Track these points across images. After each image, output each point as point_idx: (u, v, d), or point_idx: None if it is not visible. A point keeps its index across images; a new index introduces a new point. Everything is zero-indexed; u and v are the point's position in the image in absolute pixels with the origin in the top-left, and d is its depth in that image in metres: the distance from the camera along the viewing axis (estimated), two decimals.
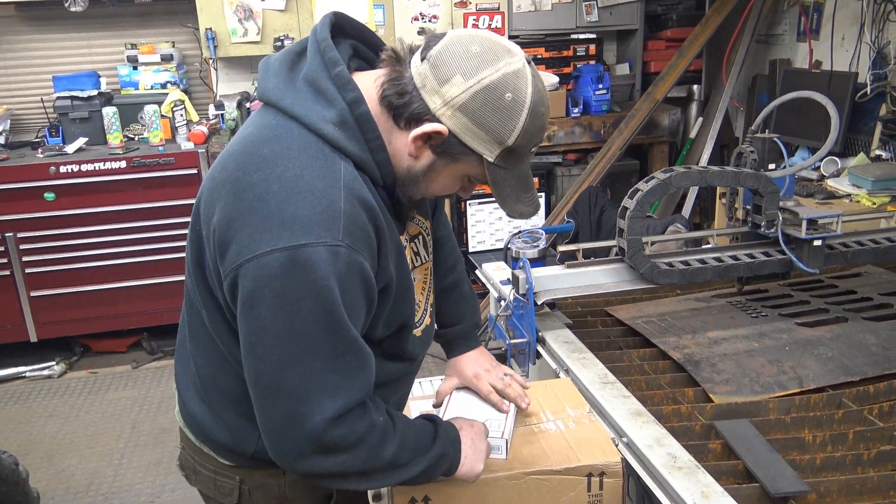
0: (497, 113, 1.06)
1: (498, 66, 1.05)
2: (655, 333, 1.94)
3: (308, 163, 1.05)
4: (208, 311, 1.18)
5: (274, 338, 1.03)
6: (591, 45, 4.58)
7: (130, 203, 3.82)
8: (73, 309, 3.92)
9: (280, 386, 1.05)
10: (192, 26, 4.30)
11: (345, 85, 1.09)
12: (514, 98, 1.06)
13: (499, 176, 1.13)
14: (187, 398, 1.31)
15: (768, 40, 4.47)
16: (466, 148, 1.10)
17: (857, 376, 1.72)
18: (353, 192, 1.06)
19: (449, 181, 1.17)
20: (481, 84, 1.05)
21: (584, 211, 3.92)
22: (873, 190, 3.17)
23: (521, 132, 1.08)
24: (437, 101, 1.07)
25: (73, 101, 3.98)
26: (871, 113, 3.58)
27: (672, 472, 1.29)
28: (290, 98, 1.10)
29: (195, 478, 1.36)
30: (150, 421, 3.46)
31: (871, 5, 3.51)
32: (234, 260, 1.04)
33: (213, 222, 1.07)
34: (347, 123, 1.08)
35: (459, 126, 1.07)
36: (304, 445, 1.07)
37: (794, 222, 1.93)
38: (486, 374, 1.49)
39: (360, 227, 1.05)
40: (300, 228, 1.01)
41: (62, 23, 4.23)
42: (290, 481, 1.29)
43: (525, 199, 1.18)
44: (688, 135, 4.75)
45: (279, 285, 1.01)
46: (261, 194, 1.03)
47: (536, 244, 2.00)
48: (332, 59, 1.10)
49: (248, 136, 1.13)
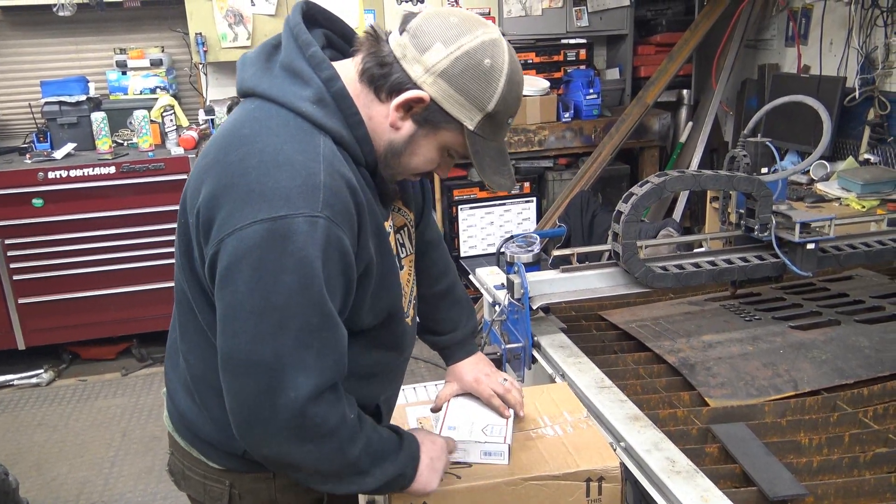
0: (477, 78, 1.09)
1: (476, 34, 1.09)
2: (650, 337, 1.95)
3: (287, 138, 1.07)
4: (198, 304, 1.17)
5: (249, 312, 1.02)
6: (582, 49, 4.59)
7: (120, 209, 3.78)
8: (62, 316, 3.88)
9: (253, 360, 1.03)
10: (182, 31, 4.28)
11: (319, 64, 1.11)
12: (493, 64, 1.09)
13: (479, 145, 1.15)
14: (177, 398, 1.29)
15: (757, 45, 4.50)
16: (447, 115, 1.11)
17: (851, 379, 1.73)
18: (333, 166, 1.07)
19: (430, 153, 1.17)
20: (461, 50, 1.08)
21: (575, 215, 3.92)
22: (862, 193, 3.19)
23: (500, 98, 1.11)
24: (417, 70, 1.09)
25: (62, 106, 3.94)
26: (859, 117, 3.61)
27: (671, 477, 1.29)
28: (267, 82, 1.12)
29: (185, 483, 1.35)
30: (141, 429, 3.43)
31: (858, 10, 3.54)
32: (216, 236, 1.04)
33: (198, 205, 1.08)
34: (325, 101, 1.10)
35: (440, 92, 1.09)
36: (273, 423, 1.04)
37: (788, 226, 1.94)
38: (486, 378, 1.48)
39: (340, 200, 1.05)
40: (279, 200, 1.01)
41: (50, 27, 4.20)
42: (281, 485, 1.27)
43: (503, 172, 1.20)
44: (678, 139, 4.77)
45: (256, 257, 1.01)
46: (241, 170, 1.04)
47: (531, 248, 2.00)
48: (304, 41, 1.12)
49: (228, 123, 1.15)
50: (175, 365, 1.30)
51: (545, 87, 4.35)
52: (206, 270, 1.08)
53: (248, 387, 1.04)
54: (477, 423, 1.39)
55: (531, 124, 4.31)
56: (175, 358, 1.30)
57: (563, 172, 4.52)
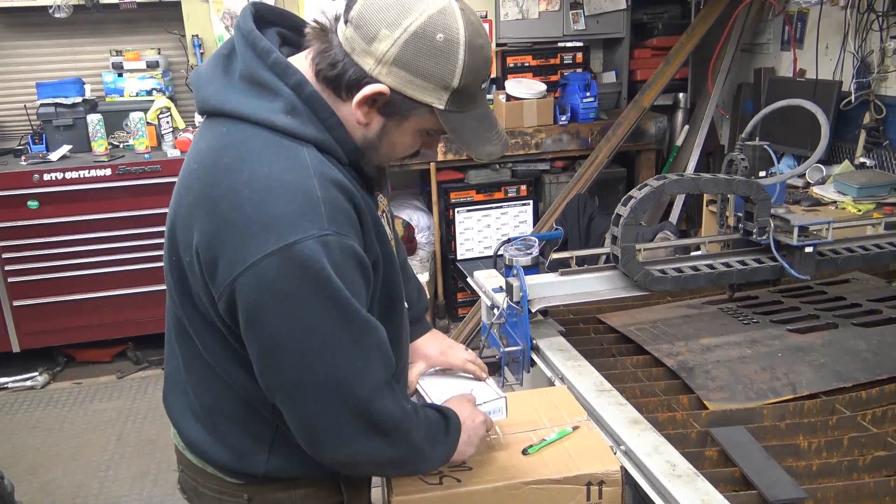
0: (433, 57, 1.02)
1: (421, 9, 1.01)
2: (648, 340, 1.95)
3: (271, 159, 1.02)
4: (201, 339, 1.15)
5: (289, 343, 1.01)
6: (578, 53, 4.60)
7: (116, 211, 3.77)
8: (57, 318, 3.86)
9: (307, 385, 1.04)
10: (179, 33, 4.27)
11: (284, 71, 1.06)
12: (447, 37, 1.01)
13: (455, 121, 1.09)
14: (184, 426, 1.26)
15: (753, 49, 4.52)
16: (413, 101, 1.06)
17: (849, 382, 1.73)
18: (325, 176, 1.03)
19: (407, 139, 1.14)
20: (408, 32, 1.01)
21: (572, 218, 3.93)
22: (858, 197, 3.21)
23: (465, 71, 1.04)
24: (370, 62, 1.03)
25: (57, 108, 3.93)
26: (854, 121, 3.63)
27: (672, 481, 1.29)
28: (233, 100, 1.07)
29: (197, 500, 1.31)
30: (137, 432, 3.41)
31: (854, 15, 3.56)
32: (227, 276, 1.01)
33: (194, 245, 1.05)
34: (297, 109, 1.06)
35: (399, 81, 1.04)
36: (343, 431, 1.06)
37: (786, 229, 1.94)
38: (451, 349, 1.48)
39: (341, 210, 1.03)
40: (285, 227, 0.98)
41: (46, 29, 4.18)
42: (303, 494, 1.25)
43: (491, 139, 1.14)
44: (674, 142, 4.78)
45: (279, 289, 0.99)
46: (234, 204, 1.00)
47: (530, 251, 2.00)
48: (263, 49, 1.06)
49: (203, 151, 1.08)
50: (179, 394, 1.27)
51: (542, 91, 4.36)
52: (223, 311, 1.05)
53: (307, 409, 1.05)
54: (462, 391, 1.40)
55: (528, 127, 4.31)
56: (178, 387, 1.27)
57: (559, 175, 4.53)
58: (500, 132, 1.16)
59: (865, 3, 3.46)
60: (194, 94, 1.14)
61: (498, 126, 1.16)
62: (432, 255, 4.48)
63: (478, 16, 1.08)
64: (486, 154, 1.14)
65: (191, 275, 1.09)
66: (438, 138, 1.17)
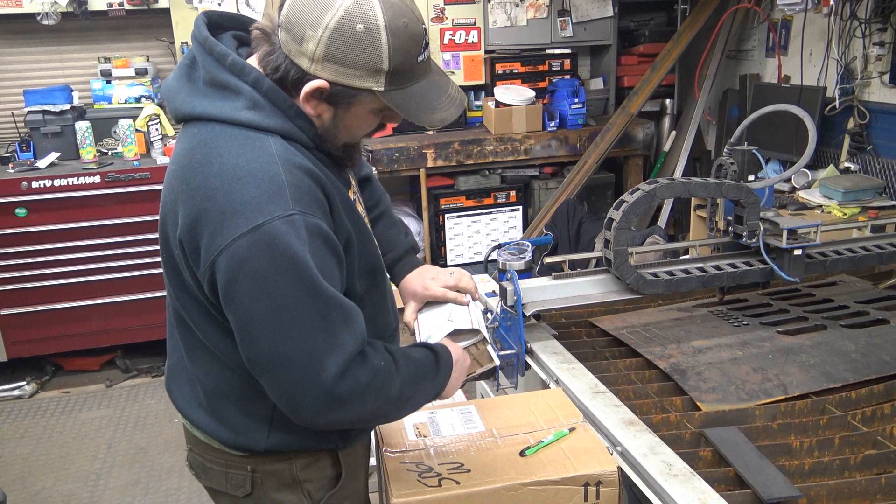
0: (357, 48, 1.08)
1: (337, 5, 1.07)
2: (641, 343, 1.97)
3: (238, 151, 1.10)
4: (197, 324, 1.22)
5: (260, 318, 1.09)
6: (566, 59, 4.65)
7: (105, 218, 3.75)
8: (45, 327, 3.83)
9: (278, 358, 1.10)
10: (167, 40, 4.27)
11: (242, 70, 1.13)
12: (367, 26, 1.07)
13: (398, 99, 1.14)
14: (190, 413, 1.34)
15: (738, 56, 4.57)
16: (353, 89, 1.12)
17: (839, 383, 1.76)
18: (289, 161, 1.11)
19: (362, 121, 1.20)
20: (329, 29, 1.07)
21: (562, 223, 3.95)
22: (843, 201, 3.25)
23: (392, 52, 1.09)
24: (304, 62, 1.11)
25: (45, 115, 3.91)
26: (839, 126, 3.68)
27: (668, 480, 1.30)
28: (200, 104, 1.15)
29: (205, 476, 1.38)
30: (127, 440, 3.39)
31: (837, 22, 3.61)
32: (206, 260, 1.10)
33: (178, 237, 1.13)
34: (259, 103, 1.13)
35: (334, 73, 1.11)
36: (315, 404, 1.12)
37: (775, 232, 1.97)
38: (433, 280, 1.52)
39: (305, 191, 1.10)
40: (252, 211, 1.06)
41: (34, 36, 4.16)
42: (303, 464, 1.31)
43: (440, 105, 1.18)
44: (661, 148, 4.82)
45: (250, 268, 1.07)
46: (208, 194, 1.09)
47: (523, 256, 2.01)
48: (220, 53, 1.14)
49: (179, 153, 1.18)
50: (183, 381, 1.34)
51: (531, 97, 4.39)
52: (207, 291, 1.13)
53: (282, 379, 1.12)
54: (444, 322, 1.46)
55: (517, 133, 4.34)
56: (180, 378, 1.35)
57: (548, 181, 4.56)
58: (451, 96, 1.20)
59: (848, 10, 3.51)
60: (167, 106, 1.22)
61: (449, 90, 1.20)
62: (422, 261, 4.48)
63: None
64: (438, 121, 1.19)
65: (181, 265, 1.17)
66: (394, 114, 1.21)
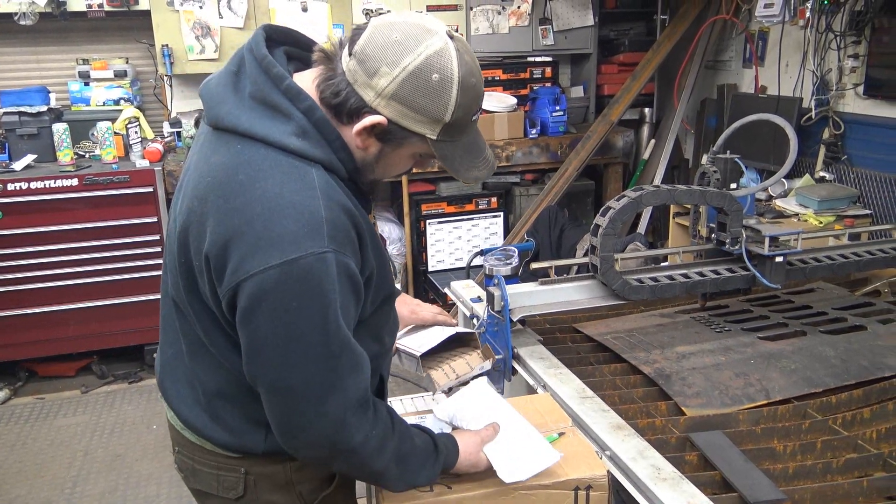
0: (427, 95, 1.12)
1: (419, 51, 1.10)
2: (625, 349, 1.98)
3: (283, 179, 1.10)
4: (207, 332, 1.23)
5: (273, 346, 1.10)
6: (548, 67, 4.68)
7: (82, 222, 3.70)
8: (19, 332, 3.75)
9: (283, 386, 1.13)
10: (147, 42, 4.23)
11: (296, 96, 1.14)
12: (442, 77, 1.11)
13: (446, 150, 1.19)
14: (184, 411, 1.33)
15: (716, 66, 4.65)
16: (408, 131, 1.15)
17: (819, 388, 1.79)
18: (331, 197, 1.12)
19: (402, 162, 1.25)
20: (406, 71, 1.10)
21: (543, 230, 3.98)
22: (819, 209, 3.32)
23: (456, 107, 1.13)
24: (370, 94, 1.12)
25: (21, 116, 3.84)
26: (814, 136, 3.75)
27: (658, 484, 1.32)
28: (248, 120, 1.14)
29: (194, 478, 1.37)
30: (104, 447, 3.34)
31: (813, 34, 3.69)
32: (231, 280, 1.10)
33: (205, 250, 1.13)
34: (308, 132, 1.14)
35: (396, 113, 1.13)
36: (310, 434, 1.14)
37: (757, 239, 2.00)
38: (420, 307, 1.68)
39: (341, 229, 1.11)
40: (289, 244, 1.07)
41: (10, 36, 4.11)
42: (297, 466, 1.32)
43: (478, 164, 1.24)
44: (640, 156, 4.87)
45: (275, 298, 1.08)
46: (247, 218, 1.09)
47: (510, 262, 2.02)
48: (277, 75, 1.14)
49: (219, 166, 1.16)
50: (180, 378, 1.35)
51: (512, 104, 4.41)
52: (225, 308, 1.15)
53: (281, 406, 1.15)
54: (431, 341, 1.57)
55: (499, 140, 4.36)
56: (178, 376, 1.35)
57: (529, 188, 4.59)
58: (486, 157, 1.26)
59: (824, 23, 3.59)
60: (205, 108, 1.21)
61: (485, 151, 1.27)
62: (403, 267, 4.48)
63: (473, 55, 1.17)
64: (473, 178, 1.25)
65: (199, 276, 1.17)
66: (429, 159, 1.26)
